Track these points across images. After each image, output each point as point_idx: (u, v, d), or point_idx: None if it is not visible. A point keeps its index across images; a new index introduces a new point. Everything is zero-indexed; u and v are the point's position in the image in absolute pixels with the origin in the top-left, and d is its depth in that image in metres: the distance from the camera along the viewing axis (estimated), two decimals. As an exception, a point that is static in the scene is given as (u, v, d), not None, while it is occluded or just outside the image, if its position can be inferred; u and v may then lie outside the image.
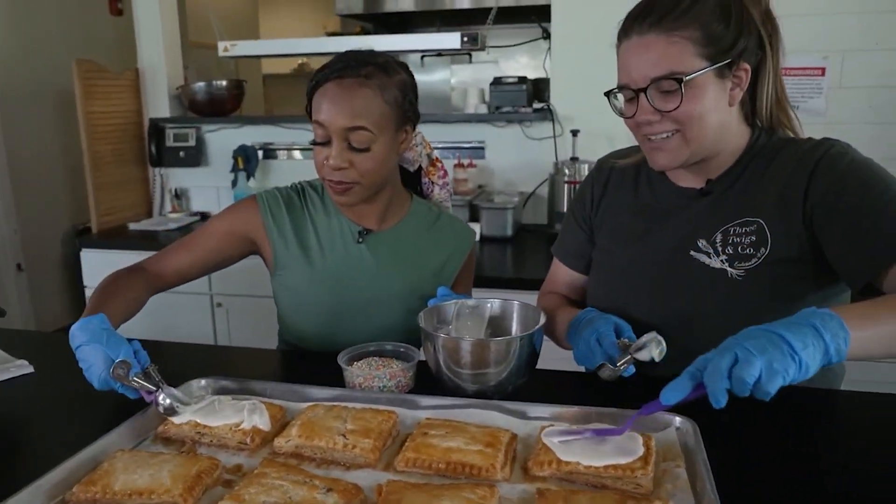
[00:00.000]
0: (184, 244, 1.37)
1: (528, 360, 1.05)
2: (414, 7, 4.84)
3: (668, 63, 1.02)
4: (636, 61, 1.06)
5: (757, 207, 1.10)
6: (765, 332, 0.82)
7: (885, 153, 2.81)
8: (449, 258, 1.43)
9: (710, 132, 1.07)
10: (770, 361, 0.79)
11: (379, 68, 1.26)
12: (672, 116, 1.05)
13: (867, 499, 0.83)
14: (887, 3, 2.44)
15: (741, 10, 1.05)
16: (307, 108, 1.31)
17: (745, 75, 1.06)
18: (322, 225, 1.38)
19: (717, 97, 1.05)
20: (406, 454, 0.86)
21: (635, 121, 1.09)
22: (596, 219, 1.31)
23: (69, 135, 3.78)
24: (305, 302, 1.37)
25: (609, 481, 0.81)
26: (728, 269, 1.10)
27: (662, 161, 1.11)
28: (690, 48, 1.02)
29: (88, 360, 1.02)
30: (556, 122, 2.81)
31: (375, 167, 1.27)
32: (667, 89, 1.03)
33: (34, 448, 0.99)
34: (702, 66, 1.02)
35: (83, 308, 3.09)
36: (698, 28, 1.02)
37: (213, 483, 0.83)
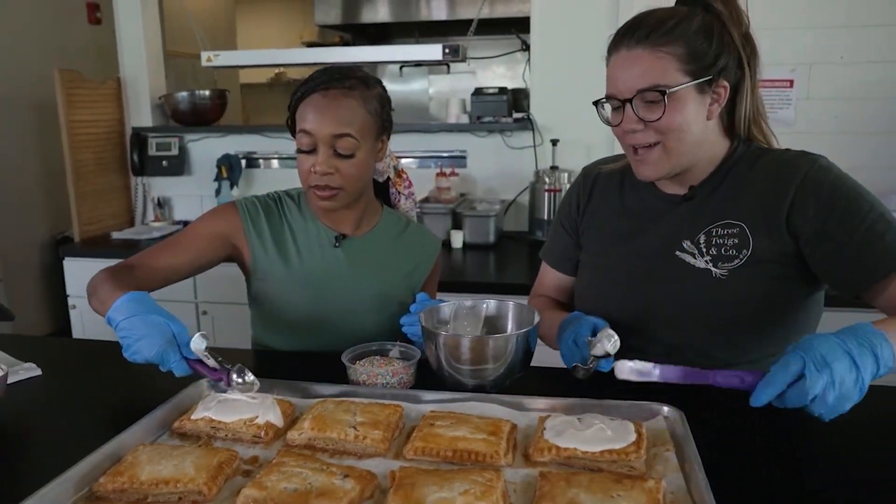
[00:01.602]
0: (167, 246, 1.38)
1: (525, 356, 1.11)
2: (392, 18, 4.92)
3: (653, 76, 1.10)
4: (624, 73, 1.13)
5: (739, 211, 1.18)
6: (842, 353, 0.88)
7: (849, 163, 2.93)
8: (417, 264, 1.51)
9: (688, 143, 1.14)
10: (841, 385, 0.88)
11: (360, 81, 1.34)
12: (655, 126, 1.12)
13: (849, 483, 0.90)
14: (851, 18, 2.57)
15: (722, 31, 1.13)
16: (288, 120, 1.37)
17: (724, 92, 1.14)
18: (300, 230, 1.44)
19: (697, 111, 1.13)
20: (415, 443, 0.91)
21: (621, 129, 1.16)
22: (582, 223, 1.38)
23: (48, 144, 3.77)
24: (283, 304, 1.42)
25: (605, 465, 0.87)
26: (712, 268, 1.17)
27: (647, 172, 1.18)
28: (674, 63, 1.10)
29: (142, 331, 1.05)
30: (536, 132, 2.89)
31: (358, 173, 1.35)
32: (651, 100, 1.11)
33: (47, 447, 1.02)
34: (684, 81, 1.10)
35: (66, 317, 3.08)
36: (682, 45, 1.10)
37: (232, 473, 0.88)
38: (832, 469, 0.93)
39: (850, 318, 0.99)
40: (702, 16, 1.14)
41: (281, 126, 3.38)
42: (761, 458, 0.94)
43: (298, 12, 6.32)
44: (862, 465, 0.94)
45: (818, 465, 0.94)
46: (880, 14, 2.55)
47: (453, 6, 4.71)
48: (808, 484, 0.89)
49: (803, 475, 0.91)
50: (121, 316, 1.07)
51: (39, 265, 4.01)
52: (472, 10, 4.48)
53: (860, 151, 2.63)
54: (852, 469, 0.93)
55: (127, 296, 1.09)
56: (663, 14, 1.13)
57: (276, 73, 6.57)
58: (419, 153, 3.11)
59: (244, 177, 3.26)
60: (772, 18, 2.60)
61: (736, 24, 1.15)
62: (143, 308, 1.07)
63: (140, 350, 1.05)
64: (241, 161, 3.23)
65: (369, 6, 4.88)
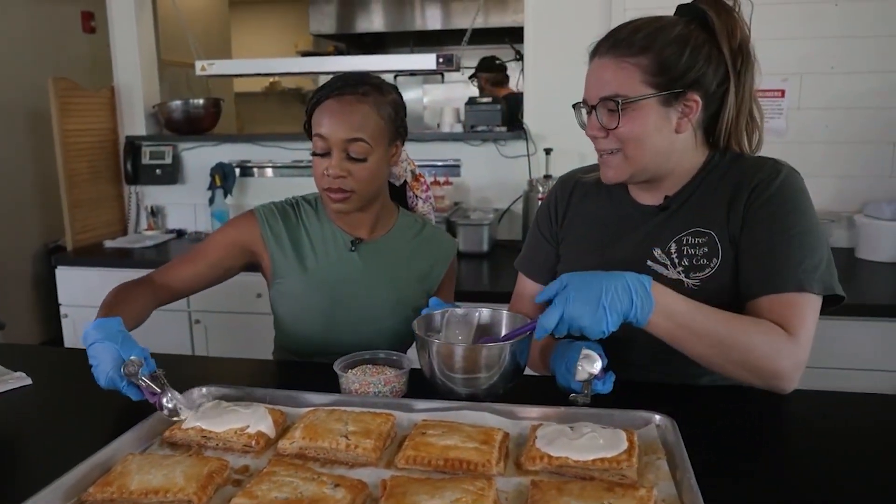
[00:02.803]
0: (188, 257, 1.43)
1: (518, 365, 1.11)
2: (386, 28, 4.95)
3: (614, 86, 1.13)
4: (592, 80, 1.17)
5: (708, 220, 1.19)
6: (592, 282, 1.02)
7: (840, 172, 2.96)
8: (433, 266, 1.52)
9: (650, 153, 1.15)
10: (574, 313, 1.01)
11: (374, 88, 1.37)
12: (614, 134, 1.15)
13: (844, 491, 0.91)
14: (841, 29, 2.59)
15: (704, 44, 1.13)
16: (305, 124, 1.40)
17: (696, 105, 1.14)
18: (316, 234, 1.46)
19: (660, 123, 1.13)
20: (406, 452, 0.91)
21: (587, 133, 1.20)
22: (561, 232, 1.37)
23: (41, 153, 3.76)
24: (302, 307, 1.44)
25: (597, 473, 0.87)
26: (685, 279, 1.18)
27: (608, 175, 1.20)
28: (637, 75, 1.12)
29: (98, 358, 1.06)
30: (530, 141, 2.90)
31: (370, 177, 1.37)
32: (612, 109, 1.13)
33: (37, 456, 1.02)
34: (645, 92, 1.12)
35: (58, 326, 3.07)
36: (650, 58, 1.11)
37: (223, 482, 0.87)
38: (826, 477, 0.93)
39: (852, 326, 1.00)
40: (682, 26, 1.14)
41: (275, 135, 3.39)
42: (753, 466, 0.94)
43: (293, 22, 6.34)
44: (857, 472, 0.94)
45: (811, 473, 0.94)
46: (870, 25, 2.57)
47: (447, 16, 4.75)
48: (800, 491, 0.89)
49: (796, 482, 0.91)
50: (87, 341, 1.10)
51: (32, 274, 4.00)
52: (466, 19, 4.52)
53: (851, 161, 2.65)
54: (847, 477, 0.93)
55: (94, 322, 1.11)
56: (640, 24, 1.15)
57: (270, 83, 6.59)
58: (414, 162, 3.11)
59: (238, 185, 3.26)
60: (763, 29, 2.60)
61: (728, 35, 1.14)
62: (102, 335, 1.08)
63: (97, 377, 1.07)
64: (235, 170, 3.22)
65: (364, 16, 4.91)
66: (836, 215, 2.63)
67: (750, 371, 1.08)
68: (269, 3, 6.51)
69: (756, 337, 1.07)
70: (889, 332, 2.06)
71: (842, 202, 2.66)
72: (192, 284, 1.41)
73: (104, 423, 1.11)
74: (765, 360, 1.07)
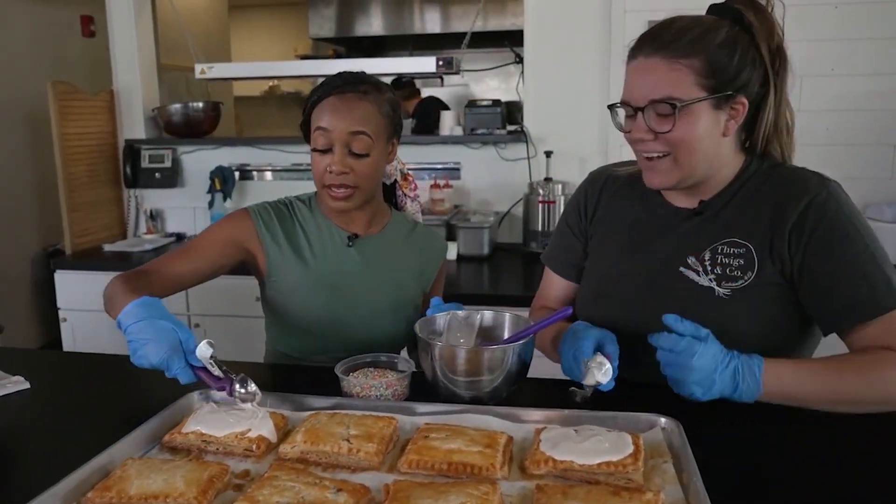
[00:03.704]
0: (181, 252, 1.40)
1: (521, 367, 1.10)
2: (386, 31, 4.94)
3: (667, 87, 1.08)
4: (639, 81, 1.11)
5: (746, 231, 1.15)
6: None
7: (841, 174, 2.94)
8: (427, 263, 1.54)
9: (700, 158, 1.12)
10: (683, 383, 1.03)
11: (373, 86, 1.39)
12: (665, 138, 1.10)
13: (850, 493, 0.90)
14: (841, 32, 2.59)
15: (749, 45, 1.10)
16: (302, 124, 1.41)
17: (742, 108, 1.11)
18: (312, 231, 1.46)
19: (711, 126, 1.10)
20: (409, 456, 0.90)
21: (632, 137, 1.15)
22: (591, 228, 1.34)
23: (41, 156, 3.76)
24: (300, 303, 1.43)
25: (602, 477, 0.86)
26: (716, 287, 1.15)
27: (655, 181, 1.16)
28: (691, 77, 1.07)
29: (149, 336, 1.04)
30: (530, 144, 2.90)
31: (372, 173, 1.38)
32: (662, 112, 1.09)
33: (35, 461, 1.01)
34: (699, 96, 1.07)
35: (57, 329, 3.05)
36: (702, 59, 1.07)
37: (223, 487, 0.86)
38: (836, 480, 0.92)
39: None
40: (728, 28, 1.10)
41: (274, 138, 3.39)
42: (760, 469, 0.93)
43: (292, 25, 6.34)
44: (863, 475, 0.93)
45: (817, 476, 0.93)
46: (869, 27, 2.57)
47: (447, 19, 4.75)
48: (807, 494, 0.88)
49: (803, 485, 0.90)
50: (130, 320, 1.06)
51: (31, 278, 3.99)
52: (465, 23, 4.52)
53: (852, 163, 2.64)
54: (853, 479, 0.92)
55: (138, 300, 1.08)
56: (688, 23, 1.10)
57: (269, 86, 6.59)
58: (413, 165, 3.10)
59: (237, 189, 3.25)
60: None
61: (766, 37, 1.11)
62: (151, 313, 1.06)
63: (146, 354, 1.04)
64: (234, 173, 3.22)
65: (363, 19, 4.91)
66: (837, 218, 2.61)
67: (882, 406, 1.05)
68: (269, 7, 6.51)
69: (873, 375, 1.04)
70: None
71: (843, 204, 2.65)
72: (186, 280, 1.38)
73: (103, 428, 1.10)
74: (893, 393, 1.04)
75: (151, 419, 1.00)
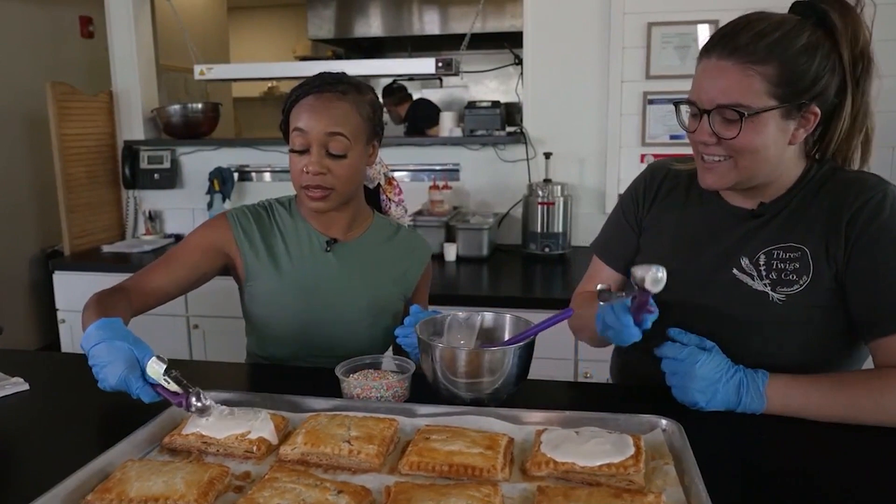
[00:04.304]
0: (161, 263, 1.39)
1: (522, 369, 1.10)
2: (384, 32, 4.94)
3: (736, 94, 1.04)
4: (708, 83, 1.07)
5: (802, 235, 1.12)
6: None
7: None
8: (409, 268, 1.52)
9: (763, 165, 1.09)
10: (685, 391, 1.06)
11: (353, 87, 1.37)
12: (728, 144, 1.07)
13: (851, 494, 0.90)
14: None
15: (829, 52, 1.05)
16: (282, 124, 1.40)
17: (814, 118, 1.07)
18: (290, 235, 1.45)
19: (778, 135, 1.06)
20: (410, 458, 0.90)
21: (695, 138, 1.12)
22: (647, 220, 1.31)
23: (39, 157, 3.75)
24: (276, 308, 1.42)
25: (603, 479, 0.86)
26: (770, 292, 1.12)
27: (709, 181, 1.13)
28: (763, 85, 1.03)
29: (107, 358, 1.03)
30: (529, 145, 2.90)
31: (349, 174, 1.36)
32: (729, 118, 1.05)
33: (34, 463, 1.00)
34: (769, 105, 1.04)
35: (56, 331, 3.04)
36: (777, 66, 1.02)
37: (224, 489, 0.86)
38: (833, 481, 0.92)
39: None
40: (810, 32, 1.05)
41: (273, 139, 3.39)
42: (760, 471, 0.93)
43: (291, 27, 6.35)
44: (863, 477, 0.93)
45: (818, 477, 0.93)
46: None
47: (446, 21, 4.75)
48: (808, 496, 0.88)
49: (803, 487, 0.90)
50: (89, 344, 1.05)
51: (29, 279, 3.98)
52: (464, 24, 4.52)
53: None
54: (854, 480, 0.92)
55: (96, 323, 1.07)
56: (768, 25, 1.05)
57: (268, 87, 6.59)
58: (412, 166, 3.11)
59: (236, 190, 3.25)
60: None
61: (850, 40, 1.06)
62: (108, 334, 1.05)
63: (106, 377, 1.03)
64: (233, 174, 3.22)
65: (362, 20, 4.91)
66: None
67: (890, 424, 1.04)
68: (268, 8, 6.51)
69: (889, 398, 1.02)
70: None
71: (842, 206, 2.65)
72: (169, 290, 1.37)
73: (103, 429, 1.10)
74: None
75: (151, 421, 1.00)
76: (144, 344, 1.05)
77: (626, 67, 2.74)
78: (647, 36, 2.71)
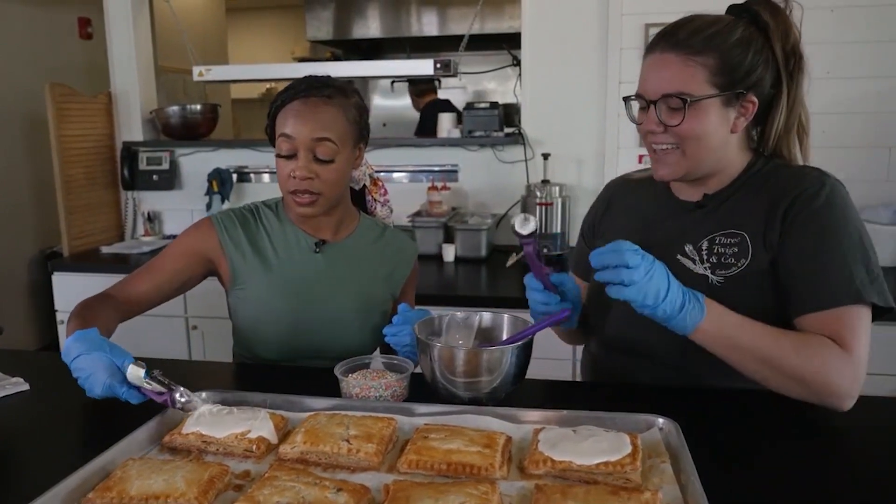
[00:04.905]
0: (146, 270, 1.40)
1: (520, 368, 1.10)
2: (383, 34, 4.94)
3: (679, 83, 1.12)
4: (653, 75, 1.15)
5: (743, 222, 1.18)
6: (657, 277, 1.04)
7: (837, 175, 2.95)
8: (396, 267, 1.53)
9: (708, 152, 1.16)
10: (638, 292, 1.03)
11: (338, 91, 1.38)
12: (674, 131, 1.14)
13: (849, 492, 0.90)
14: (836, 35, 2.60)
15: (763, 45, 1.14)
16: (267, 128, 1.41)
17: (752, 107, 1.15)
18: (278, 237, 1.45)
19: (719, 122, 1.14)
20: (409, 456, 0.90)
21: (643, 129, 1.19)
22: (599, 228, 1.40)
23: (38, 159, 3.75)
24: (266, 310, 1.42)
25: (600, 477, 0.86)
26: (710, 275, 1.18)
27: (662, 171, 1.20)
28: (703, 74, 1.11)
29: (88, 369, 1.05)
30: (528, 146, 2.90)
31: (337, 178, 1.37)
32: (674, 106, 1.13)
33: (35, 462, 1.01)
34: (709, 93, 1.11)
35: (55, 332, 3.05)
36: (715, 57, 1.11)
37: (224, 487, 0.86)
38: (830, 478, 0.92)
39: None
40: (744, 27, 1.13)
41: (272, 140, 3.36)
42: (757, 469, 0.93)
43: (290, 28, 6.35)
44: (862, 475, 0.94)
45: (816, 474, 0.93)
46: (865, 30, 2.58)
47: (444, 22, 4.75)
48: (805, 493, 0.88)
49: (800, 484, 0.90)
50: (69, 358, 1.07)
51: (28, 280, 3.98)
52: (463, 25, 4.52)
53: (848, 165, 2.63)
54: (851, 478, 0.93)
55: (72, 336, 1.08)
56: (704, 22, 1.14)
57: (266, 89, 6.58)
58: (411, 167, 3.12)
59: (235, 191, 3.25)
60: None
61: (782, 37, 1.14)
62: (85, 346, 1.06)
63: (91, 388, 1.05)
64: (232, 175, 3.22)
65: (360, 22, 4.91)
66: (833, 220, 2.62)
67: (805, 388, 1.07)
68: (266, 10, 6.51)
69: (807, 351, 1.06)
70: (884, 336, 2.05)
71: (839, 207, 2.66)
72: (153, 297, 1.37)
73: (103, 428, 1.10)
74: (819, 377, 1.05)
75: (151, 420, 1.01)
76: (121, 349, 1.07)
77: (624, 68, 2.74)
78: (645, 37, 2.71)
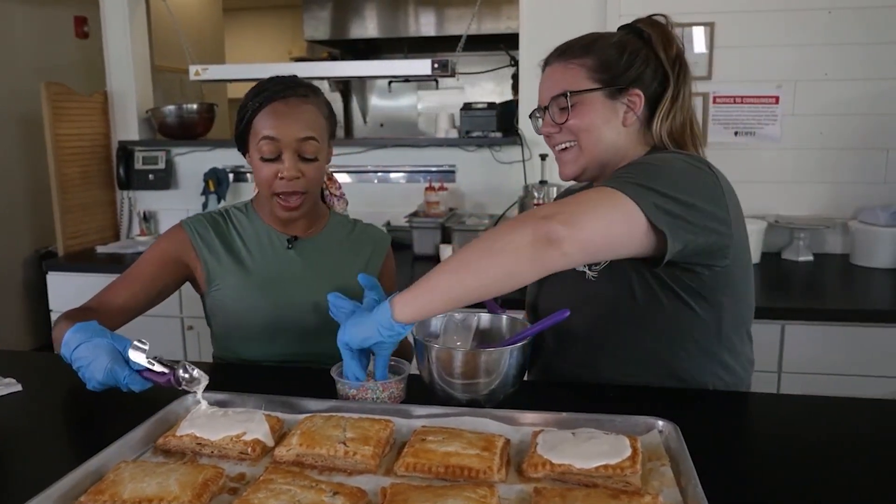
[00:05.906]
0: (122, 280, 1.40)
1: (518, 370, 1.09)
2: (380, 34, 4.93)
3: (563, 84, 1.22)
4: (543, 86, 1.27)
5: None
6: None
7: (834, 177, 2.96)
8: (370, 258, 1.54)
9: (601, 145, 1.22)
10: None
11: (310, 89, 1.40)
12: (566, 127, 1.22)
13: (847, 495, 0.90)
14: (833, 37, 2.60)
15: (639, 50, 1.22)
16: (241, 133, 1.40)
17: (639, 100, 1.21)
18: (250, 237, 1.46)
19: (608, 115, 1.21)
20: (406, 459, 0.89)
21: (543, 133, 1.27)
22: None
23: (34, 158, 3.74)
24: (243, 309, 1.42)
25: (600, 480, 0.86)
26: (586, 270, 1.23)
27: (564, 170, 1.27)
28: (583, 73, 1.21)
29: (90, 356, 1.04)
30: (525, 147, 2.90)
31: (320, 176, 1.41)
32: (562, 105, 1.22)
33: (27, 464, 0.99)
34: (590, 87, 1.20)
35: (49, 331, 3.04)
36: (593, 58, 1.21)
37: (218, 490, 0.85)
38: (829, 482, 0.92)
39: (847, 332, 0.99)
40: (622, 35, 1.24)
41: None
42: (757, 472, 0.93)
43: (287, 27, 6.33)
44: (858, 477, 0.93)
45: (814, 478, 0.93)
46: (863, 32, 2.58)
47: (442, 22, 4.74)
48: (804, 496, 0.88)
49: (800, 488, 0.90)
50: (69, 349, 1.06)
51: (23, 280, 3.96)
52: (460, 25, 4.51)
53: (845, 167, 2.65)
54: (848, 481, 0.92)
55: (72, 328, 1.08)
56: (585, 36, 1.26)
57: (264, 89, 6.56)
58: (408, 168, 3.11)
59: (231, 191, 3.24)
60: (757, 36, 2.63)
61: (664, 45, 1.22)
62: (87, 335, 1.06)
63: (92, 374, 1.04)
64: (228, 175, 3.21)
65: (358, 22, 4.89)
66: (830, 221, 2.63)
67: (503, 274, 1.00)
68: (263, 9, 6.50)
69: (499, 240, 1.00)
70: (884, 338, 2.06)
71: (836, 208, 2.67)
72: (131, 307, 1.36)
73: (96, 430, 1.09)
74: (503, 231, 1.00)
75: (145, 422, 0.99)
76: (121, 336, 1.07)
77: (622, 69, 2.74)
78: (643, 38, 2.71)
